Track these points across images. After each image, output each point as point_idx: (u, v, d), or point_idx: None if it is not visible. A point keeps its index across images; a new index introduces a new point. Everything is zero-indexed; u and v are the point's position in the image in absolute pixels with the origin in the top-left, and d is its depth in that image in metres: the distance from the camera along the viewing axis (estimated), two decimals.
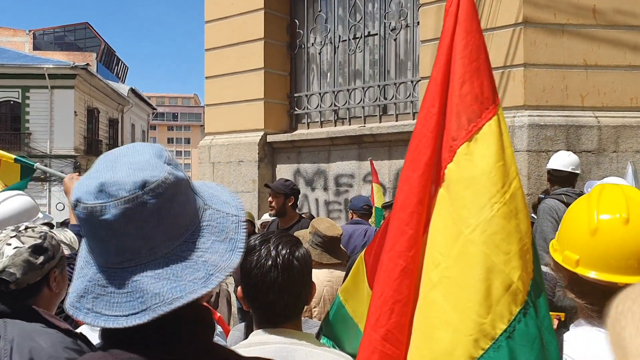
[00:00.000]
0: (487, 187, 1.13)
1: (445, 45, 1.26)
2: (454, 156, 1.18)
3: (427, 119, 1.25)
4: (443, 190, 1.19)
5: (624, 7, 6.04)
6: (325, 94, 8.24)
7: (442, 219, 1.18)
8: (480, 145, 1.16)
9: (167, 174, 0.95)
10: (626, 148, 5.97)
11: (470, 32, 1.21)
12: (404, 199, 1.26)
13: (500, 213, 1.12)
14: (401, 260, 1.23)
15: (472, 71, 1.19)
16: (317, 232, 3.49)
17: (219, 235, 1.00)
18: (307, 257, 1.64)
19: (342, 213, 7.58)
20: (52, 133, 26.98)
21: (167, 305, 0.91)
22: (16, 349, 1.71)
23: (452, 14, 1.25)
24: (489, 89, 1.19)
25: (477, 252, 1.11)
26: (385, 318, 1.23)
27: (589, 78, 6.04)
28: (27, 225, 1.99)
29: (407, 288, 1.22)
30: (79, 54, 37.90)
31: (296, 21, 8.40)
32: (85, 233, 0.98)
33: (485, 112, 1.17)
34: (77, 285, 0.98)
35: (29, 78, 26.64)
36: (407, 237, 1.22)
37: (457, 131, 1.18)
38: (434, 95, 1.26)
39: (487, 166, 1.14)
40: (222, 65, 8.53)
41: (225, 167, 8.37)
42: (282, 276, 1.54)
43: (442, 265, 1.14)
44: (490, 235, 1.11)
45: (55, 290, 1.97)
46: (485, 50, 1.21)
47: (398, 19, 7.56)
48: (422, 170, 1.23)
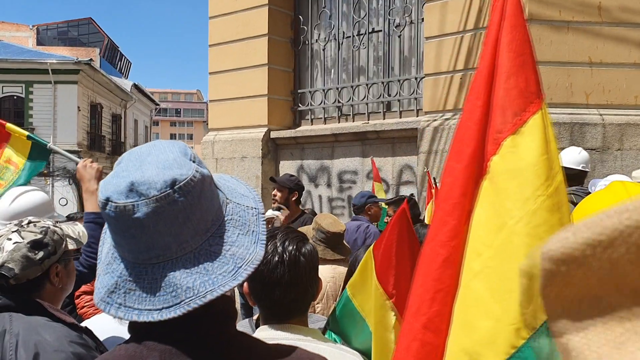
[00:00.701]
0: (532, 179, 1.14)
1: (491, 40, 1.26)
2: (499, 149, 1.19)
3: (472, 112, 1.26)
4: (486, 182, 1.21)
5: (629, 5, 6.01)
6: (329, 90, 8.23)
7: (485, 210, 1.19)
8: (526, 138, 1.17)
9: (195, 171, 0.98)
10: (630, 146, 5.96)
11: (516, 27, 1.22)
12: (447, 190, 1.27)
13: (545, 206, 1.13)
14: (443, 250, 1.24)
15: (518, 65, 1.20)
16: (321, 228, 3.50)
17: (242, 228, 1.03)
18: (314, 253, 1.63)
19: (345, 209, 7.58)
20: (55, 128, 27.00)
21: (200, 299, 0.94)
22: (22, 342, 1.72)
23: (498, 8, 1.26)
24: (534, 83, 1.20)
25: (520, 243, 1.12)
26: (426, 307, 1.25)
27: (594, 75, 6.02)
28: (30, 219, 1.97)
29: (449, 277, 1.23)
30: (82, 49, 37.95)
31: (300, 17, 8.39)
32: (113, 230, 1.00)
33: (531, 106, 1.18)
34: (107, 281, 1.00)
35: (33, 73, 26.65)
36: (449, 227, 1.24)
37: (502, 124, 1.19)
38: (479, 88, 1.27)
39: (532, 159, 1.15)
40: (226, 61, 8.53)
41: (228, 163, 8.37)
42: (288, 273, 1.53)
43: (485, 255, 1.16)
44: (534, 227, 1.12)
45: (58, 285, 1.95)
46: (530, 45, 1.23)
47: (402, 16, 7.54)
48: (467, 162, 1.24)
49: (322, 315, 2.89)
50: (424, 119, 6.82)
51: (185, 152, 1.02)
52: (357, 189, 7.38)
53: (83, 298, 4.01)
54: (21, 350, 1.70)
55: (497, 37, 1.25)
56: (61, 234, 2.00)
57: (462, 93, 6.51)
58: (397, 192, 7.12)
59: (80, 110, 27.53)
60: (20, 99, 27.14)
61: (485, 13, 6.28)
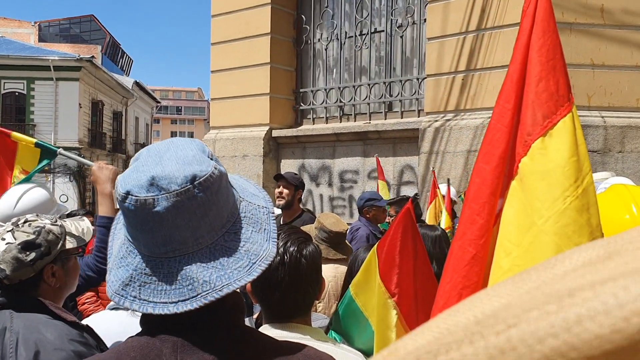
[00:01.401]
0: (561, 180, 1.17)
1: (522, 44, 1.30)
2: (529, 150, 1.22)
3: (502, 114, 1.29)
4: (516, 183, 1.24)
5: (632, 7, 6.01)
6: (330, 89, 8.23)
7: (515, 210, 1.22)
8: (555, 140, 1.20)
9: (214, 168, 1.00)
10: (632, 148, 5.95)
11: (546, 32, 1.26)
12: (476, 190, 1.31)
13: (573, 206, 1.16)
14: (471, 248, 1.28)
15: (549, 69, 1.23)
16: (323, 227, 3.50)
17: (255, 226, 1.06)
18: (316, 254, 1.63)
19: (346, 209, 7.58)
20: (56, 125, 27.00)
21: (217, 292, 0.96)
22: (22, 340, 1.71)
23: (530, 14, 1.30)
24: (564, 86, 1.23)
25: (549, 242, 1.15)
26: (453, 303, 1.26)
27: (596, 78, 6.02)
28: (27, 218, 1.94)
29: (476, 275, 1.27)
30: (84, 46, 37.89)
31: (303, 17, 8.39)
32: (131, 224, 1.01)
33: (561, 109, 1.22)
34: (121, 274, 1.01)
35: (34, 70, 26.64)
36: (478, 226, 1.28)
37: (532, 126, 1.22)
38: (509, 91, 1.30)
39: (561, 160, 1.18)
40: (228, 59, 8.52)
41: (230, 162, 8.37)
42: (289, 275, 1.53)
43: (514, 254, 1.19)
44: (563, 226, 1.15)
45: (55, 285, 1.91)
46: (560, 49, 1.26)
47: (405, 16, 7.54)
48: (496, 163, 1.28)
49: (324, 314, 2.89)
50: (425, 119, 6.81)
51: (203, 150, 1.04)
52: (358, 189, 7.38)
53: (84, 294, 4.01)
54: (21, 348, 1.69)
55: (528, 42, 1.28)
56: (58, 233, 1.93)
57: (464, 94, 6.51)
58: (397, 192, 7.12)
59: (81, 107, 27.52)
60: (22, 96, 27.14)
61: (489, 14, 6.28)
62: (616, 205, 1.45)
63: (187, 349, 0.98)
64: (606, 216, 1.45)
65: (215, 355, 0.98)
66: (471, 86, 6.42)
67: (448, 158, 6.46)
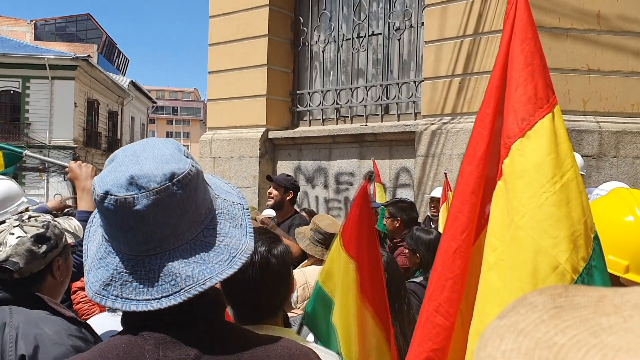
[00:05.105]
0: (537, 178, 1.24)
1: (502, 52, 1.38)
2: (509, 152, 1.31)
3: (483, 119, 1.39)
4: (500, 183, 1.33)
5: (628, 14, 6.06)
6: (327, 92, 8.25)
7: (500, 209, 1.32)
8: (533, 141, 1.28)
9: (191, 166, 1.02)
10: (626, 154, 5.99)
11: (525, 40, 1.33)
12: (459, 190, 1.41)
13: (550, 201, 1.22)
14: (454, 242, 1.38)
15: (526, 75, 1.31)
16: (318, 228, 3.51)
17: (231, 221, 1.08)
18: (285, 254, 1.63)
19: (342, 211, 7.60)
20: (51, 124, 26.93)
21: (200, 286, 0.98)
22: (21, 335, 1.72)
23: (510, 22, 1.37)
24: (542, 90, 1.30)
25: (525, 236, 1.23)
26: (437, 293, 1.40)
27: (592, 83, 6.06)
28: (30, 214, 2.00)
29: (458, 267, 1.37)
30: (80, 45, 37.85)
31: (300, 19, 8.41)
32: (110, 224, 1.01)
33: (539, 111, 1.29)
34: (101, 274, 1.02)
35: (30, 68, 26.58)
36: (459, 222, 1.38)
37: (512, 130, 1.31)
38: (489, 97, 1.39)
39: (537, 159, 1.26)
40: (225, 60, 8.54)
41: (226, 162, 8.38)
42: (259, 274, 1.53)
43: (499, 249, 1.28)
44: (539, 221, 1.22)
45: (60, 278, 1.97)
46: (539, 56, 1.33)
47: (402, 19, 7.57)
48: (476, 164, 1.37)
49: None
50: (421, 122, 6.84)
51: (179, 149, 1.06)
52: (353, 191, 7.39)
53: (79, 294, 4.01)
54: (21, 343, 1.71)
55: (507, 50, 1.36)
56: (61, 227, 2.02)
57: (460, 97, 6.54)
58: (393, 194, 7.14)
59: (76, 106, 27.47)
60: (17, 94, 27.06)
61: (486, 19, 6.31)
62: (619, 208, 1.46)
63: (170, 345, 0.99)
64: (608, 219, 1.47)
65: (198, 350, 0.99)
66: (468, 90, 6.45)
67: (444, 161, 6.48)
